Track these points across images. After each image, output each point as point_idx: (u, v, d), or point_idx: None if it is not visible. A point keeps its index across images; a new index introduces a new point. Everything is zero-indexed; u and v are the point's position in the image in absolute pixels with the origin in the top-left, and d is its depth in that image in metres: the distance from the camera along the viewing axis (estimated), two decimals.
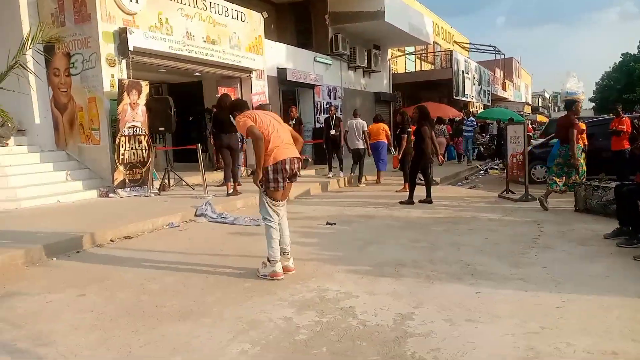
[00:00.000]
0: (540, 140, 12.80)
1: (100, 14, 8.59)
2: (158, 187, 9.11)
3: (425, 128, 7.60)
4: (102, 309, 3.50)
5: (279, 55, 14.06)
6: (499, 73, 34.77)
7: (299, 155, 4.31)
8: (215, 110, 9.06)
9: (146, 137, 9.04)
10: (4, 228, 5.65)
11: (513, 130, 8.13)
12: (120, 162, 8.62)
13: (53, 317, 3.38)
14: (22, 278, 4.28)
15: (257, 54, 12.51)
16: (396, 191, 9.47)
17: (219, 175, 10.51)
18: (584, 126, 8.59)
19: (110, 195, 8.54)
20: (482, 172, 15.29)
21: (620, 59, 69.09)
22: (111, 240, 5.55)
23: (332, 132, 11.23)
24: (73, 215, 6.73)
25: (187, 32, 10.34)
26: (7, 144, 8.88)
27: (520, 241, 5.27)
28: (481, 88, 27.06)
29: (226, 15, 11.48)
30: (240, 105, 4.72)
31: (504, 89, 36.04)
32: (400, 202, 7.88)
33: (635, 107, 43.62)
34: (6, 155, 8.46)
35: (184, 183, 9.51)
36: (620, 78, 65.87)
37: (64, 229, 5.59)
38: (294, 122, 11.48)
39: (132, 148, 8.81)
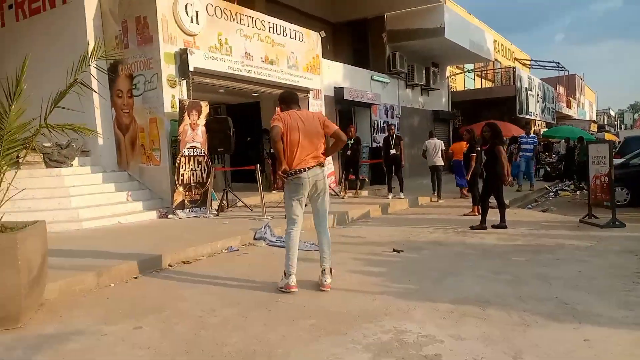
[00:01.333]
0: (620, 160, 11.76)
1: (162, 36, 8.66)
2: (216, 208, 8.97)
3: (499, 147, 7.02)
4: (159, 345, 3.21)
5: (336, 74, 13.84)
6: (562, 90, 33.17)
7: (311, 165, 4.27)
8: None
9: (205, 157, 8.96)
10: (65, 250, 5.56)
11: (596, 150, 7.38)
12: (179, 183, 8.55)
13: (107, 354, 3.12)
14: (78, 305, 4.08)
15: (315, 73, 12.34)
16: (464, 215, 8.88)
17: (275, 196, 10.30)
18: None
19: (170, 216, 8.47)
20: (551, 193, 14.31)
21: None
22: (169, 265, 5.34)
23: (392, 151, 10.78)
24: (132, 237, 6.62)
25: (246, 52, 10.30)
26: (72, 164, 9.03)
27: (620, 275, 4.60)
28: (545, 105, 25.78)
29: (284, 35, 11.40)
30: (288, 99, 4.49)
31: (568, 106, 34.32)
32: (471, 227, 7.29)
33: None
34: (70, 175, 8.58)
35: (242, 204, 9.35)
36: None
37: (123, 253, 5.43)
38: (352, 141, 11.13)
39: (191, 169, 8.74)
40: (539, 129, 25.77)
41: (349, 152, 11.04)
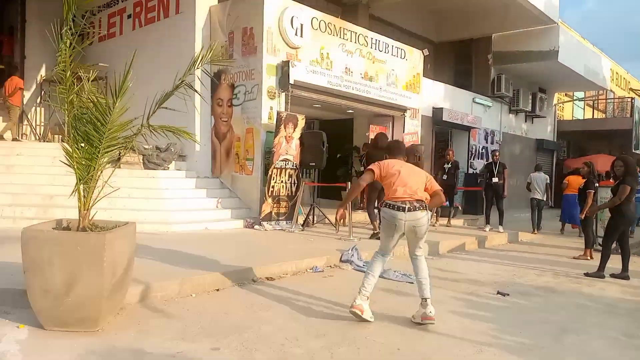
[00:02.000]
0: None
1: (266, 47, 8.66)
2: (302, 222, 8.72)
3: (626, 187, 6.09)
4: None
5: (436, 94, 13.25)
6: None
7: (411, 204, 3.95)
8: (367, 148, 8.42)
9: (296, 171, 8.77)
10: (151, 252, 5.52)
11: None
12: (269, 194, 8.41)
13: None
14: (158, 314, 3.91)
15: (414, 92, 11.85)
16: (574, 257, 7.88)
17: (361, 216, 9.87)
18: None
19: (256, 227, 8.34)
20: None
21: None
22: (253, 280, 5.09)
23: (495, 179, 9.96)
24: (218, 246, 6.50)
25: (347, 67, 10.07)
26: (169, 167, 9.25)
27: None
28: None
29: (386, 51, 11.06)
30: (394, 150, 4.30)
31: None
32: (586, 274, 6.37)
33: None
34: (166, 178, 8.77)
35: (327, 221, 9.03)
36: None
37: (207, 262, 5.29)
38: (449, 165, 10.46)
39: (282, 181, 8.58)
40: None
41: (445, 177, 10.36)
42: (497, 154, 10.40)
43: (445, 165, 10.50)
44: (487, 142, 15.39)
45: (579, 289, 5.62)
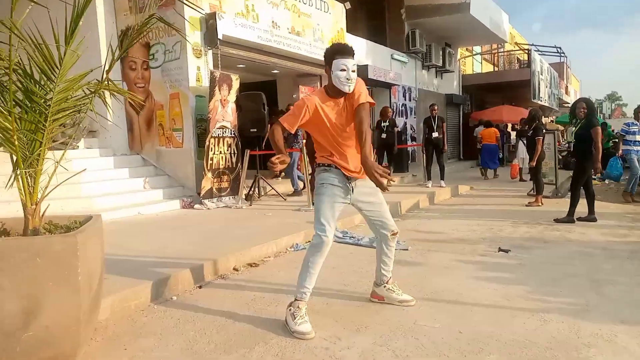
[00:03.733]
0: None
1: None
2: (244, 197, 7.82)
3: (597, 129, 6.05)
4: None
5: (358, 51, 12.64)
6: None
7: None
8: None
9: (235, 139, 7.80)
10: None
11: None
12: (208, 168, 7.38)
13: None
14: (143, 331, 2.97)
15: None
16: (527, 204, 7.93)
17: (300, 184, 9.23)
18: None
19: (196, 206, 7.32)
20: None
21: None
22: (235, 269, 4.24)
23: (435, 134, 9.75)
24: (169, 233, 5.48)
25: (273, 21, 9.10)
26: (77, 146, 7.79)
27: None
28: (551, 91, 25.09)
29: (310, 4, 10.22)
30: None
31: (566, 93, 33.81)
32: (556, 220, 6.34)
33: None
34: (78, 159, 7.33)
35: (272, 192, 8.26)
36: None
37: (169, 255, 4.33)
38: (387, 123, 10.09)
39: (220, 152, 7.57)
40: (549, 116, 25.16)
41: (384, 136, 9.97)
42: (435, 108, 10.17)
43: (383, 124, 10.11)
44: (405, 99, 15.32)
45: (564, 236, 5.51)
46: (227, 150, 7.68)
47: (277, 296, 3.55)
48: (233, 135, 7.73)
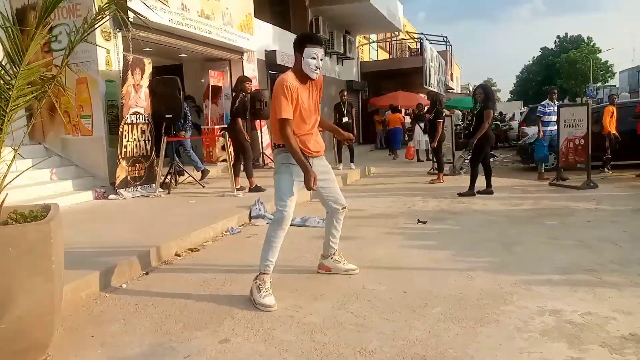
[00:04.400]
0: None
1: None
2: (161, 185, 7.63)
3: (489, 112, 6.81)
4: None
5: (265, 36, 12.78)
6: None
7: None
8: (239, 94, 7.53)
9: (149, 125, 7.58)
10: None
11: (570, 113, 7.56)
12: (122, 156, 7.12)
13: None
14: (103, 318, 2.97)
15: (248, 33, 11.22)
16: (430, 182, 8.69)
17: (211, 170, 9.24)
18: None
19: (111, 197, 7.05)
20: (466, 161, 14.92)
21: (540, 54, 73.64)
22: (177, 255, 4.26)
23: (345, 119, 10.19)
24: (96, 224, 5.29)
25: (182, 4, 8.89)
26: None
27: None
28: (439, 78, 27.04)
29: None
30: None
31: (452, 79, 36.57)
32: (460, 194, 7.07)
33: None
34: None
35: (190, 180, 8.17)
36: (540, 71, 70.12)
37: (106, 245, 4.25)
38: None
39: (134, 139, 7.33)
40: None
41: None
42: (345, 94, 10.61)
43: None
44: None
45: (469, 208, 6.20)
46: (142, 137, 7.45)
47: (228, 276, 3.69)
48: (147, 122, 7.51)
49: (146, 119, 7.50)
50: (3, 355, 2.28)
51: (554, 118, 8.28)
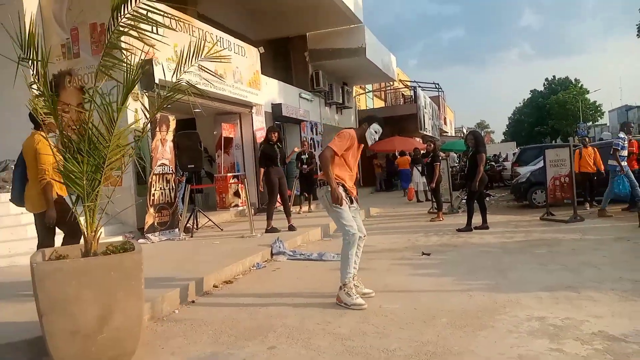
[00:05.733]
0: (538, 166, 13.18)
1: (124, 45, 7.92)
2: (184, 229, 8.29)
3: (482, 155, 7.59)
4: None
5: (270, 90, 13.75)
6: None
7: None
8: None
9: (173, 175, 8.33)
10: None
11: (554, 154, 8.35)
12: (150, 204, 7.82)
13: None
14: (168, 335, 3.58)
15: (256, 89, 12.17)
16: (431, 220, 9.36)
17: (227, 215, 9.96)
18: None
19: (140, 241, 7.67)
20: (463, 201, 15.66)
21: (530, 96, 75.84)
22: (215, 286, 4.88)
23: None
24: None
25: (199, 65, 9.79)
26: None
27: None
28: (433, 122, 28.17)
29: (230, 49, 11.11)
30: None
31: (445, 123, 37.84)
32: (459, 230, 7.73)
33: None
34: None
35: (209, 224, 8.83)
36: (532, 113, 72.02)
37: (151, 281, 4.87)
38: (306, 155, 11.15)
39: (161, 188, 8.05)
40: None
41: (305, 167, 11.01)
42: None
43: (303, 156, 11.14)
44: (313, 134, 16.58)
45: (467, 241, 6.86)
46: (167, 185, 8.18)
47: (263, 300, 4.32)
48: (171, 172, 8.25)
49: (171, 169, 8.25)
50: (104, 358, 2.89)
51: (626, 152, 8.29)
